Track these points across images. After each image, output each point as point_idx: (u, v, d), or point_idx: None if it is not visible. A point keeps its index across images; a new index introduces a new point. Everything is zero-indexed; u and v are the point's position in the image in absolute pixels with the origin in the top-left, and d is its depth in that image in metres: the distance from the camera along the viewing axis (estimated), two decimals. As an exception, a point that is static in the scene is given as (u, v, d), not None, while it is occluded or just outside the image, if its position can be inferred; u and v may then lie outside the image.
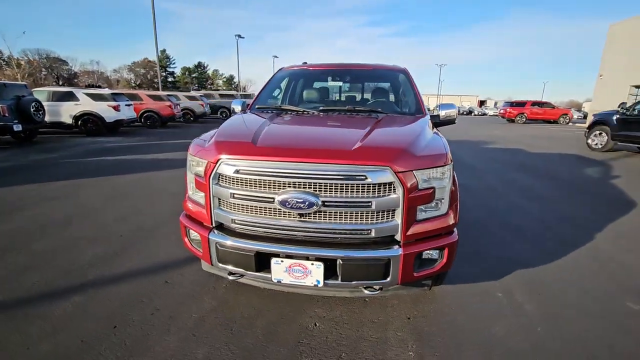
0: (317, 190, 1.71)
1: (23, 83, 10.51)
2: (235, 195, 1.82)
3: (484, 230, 3.65)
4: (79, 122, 11.75)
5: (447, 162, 1.88)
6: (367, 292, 1.87)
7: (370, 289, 1.86)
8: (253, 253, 1.80)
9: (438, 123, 2.98)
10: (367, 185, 1.70)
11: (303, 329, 2.05)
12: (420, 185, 1.76)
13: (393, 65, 3.59)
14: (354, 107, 2.89)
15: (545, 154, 9.62)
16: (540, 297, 2.42)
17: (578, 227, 3.81)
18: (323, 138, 2.14)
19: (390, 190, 1.72)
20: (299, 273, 1.79)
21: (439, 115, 3.05)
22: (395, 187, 1.70)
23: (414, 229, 1.79)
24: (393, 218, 1.76)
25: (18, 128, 9.09)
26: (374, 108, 2.86)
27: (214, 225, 1.95)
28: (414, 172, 1.74)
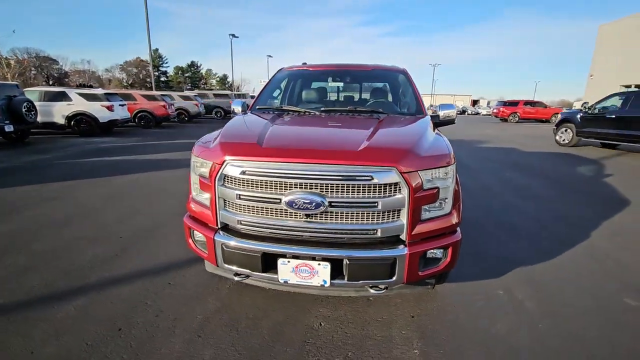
0: (323, 191, 1.72)
1: (14, 83, 10.33)
2: (242, 196, 1.82)
3: (482, 230, 3.70)
4: (72, 122, 11.59)
5: (450, 162, 1.91)
6: (372, 291, 1.89)
7: (376, 288, 1.88)
8: (260, 254, 1.81)
9: (438, 123, 3.01)
10: (373, 186, 1.71)
11: (309, 329, 2.07)
12: (425, 185, 1.79)
13: (392, 66, 3.62)
14: (355, 107, 2.91)
15: (538, 153, 9.75)
16: (540, 294, 2.47)
17: (572, 225, 3.88)
18: (328, 139, 2.16)
19: (396, 191, 1.74)
20: (306, 273, 1.80)
21: (439, 116, 3.09)
22: (401, 187, 1.73)
23: (419, 229, 1.82)
24: (398, 218, 1.78)
25: (10, 129, 8.95)
26: (375, 108, 2.88)
27: (220, 227, 1.95)
28: (419, 172, 1.76)
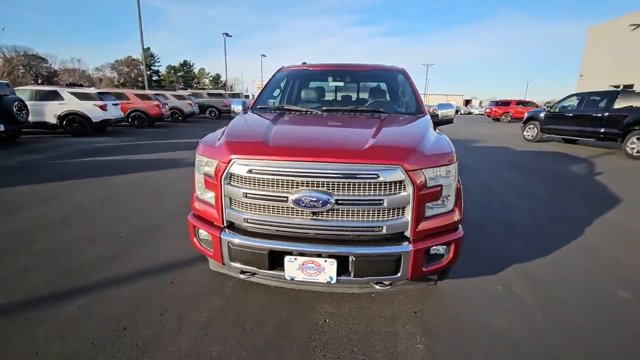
0: (330, 189, 1.75)
1: (5, 81, 10.11)
2: (248, 195, 1.84)
3: (480, 229, 3.76)
4: (64, 122, 11.41)
5: (452, 160, 1.95)
6: (377, 287, 1.92)
7: (381, 285, 1.92)
8: (266, 251, 1.83)
9: (437, 123, 3.06)
10: (378, 184, 1.74)
11: (314, 325, 2.09)
12: (429, 183, 1.82)
13: (392, 66, 3.65)
14: (356, 107, 2.94)
15: (531, 152, 9.92)
16: (538, 289, 2.53)
17: (567, 218, 3.98)
18: (333, 138, 2.18)
19: (401, 188, 1.77)
20: (312, 270, 1.82)
21: (438, 115, 3.14)
22: (406, 185, 1.76)
23: (423, 226, 1.85)
24: (403, 215, 1.82)
25: (0, 128, 8.79)
26: (376, 108, 2.91)
27: (225, 225, 1.97)
28: (423, 170, 1.80)
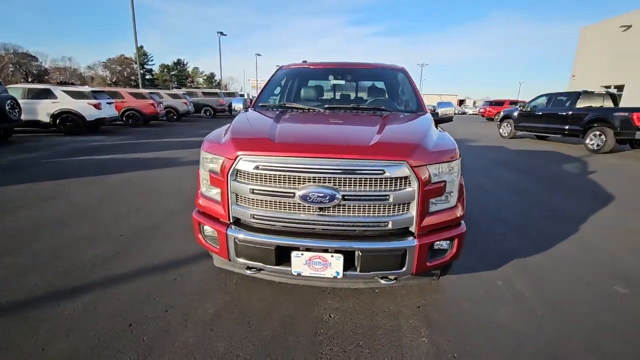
0: (337, 185, 1.77)
1: (-3, 79, 9.99)
2: (255, 191, 1.85)
3: (478, 228, 3.82)
4: (57, 120, 11.27)
5: (455, 157, 1.99)
6: (383, 282, 1.95)
7: (386, 279, 1.95)
8: (273, 247, 1.84)
9: (437, 121, 3.09)
10: (384, 179, 1.77)
11: (319, 320, 2.11)
12: (433, 179, 1.86)
13: (392, 65, 3.69)
14: (358, 105, 2.96)
15: (525, 151, 10.06)
16: (537, 284, 2.58)
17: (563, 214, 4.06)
18: (339, 135, 2.20)
19: (407, 184, 1.80)
20: (319, 265, 1.84)
21: (438, 113, 3.17)
22: (411, 180, 1.79)
23: (427, 221, 1.88)
24: (408, 210, 1.85)
25: (-8, 127, 8.67)
26: (378, 106, 2.95)
27: (232, 221, 1.98)
28: (428, 166, 1.83)
